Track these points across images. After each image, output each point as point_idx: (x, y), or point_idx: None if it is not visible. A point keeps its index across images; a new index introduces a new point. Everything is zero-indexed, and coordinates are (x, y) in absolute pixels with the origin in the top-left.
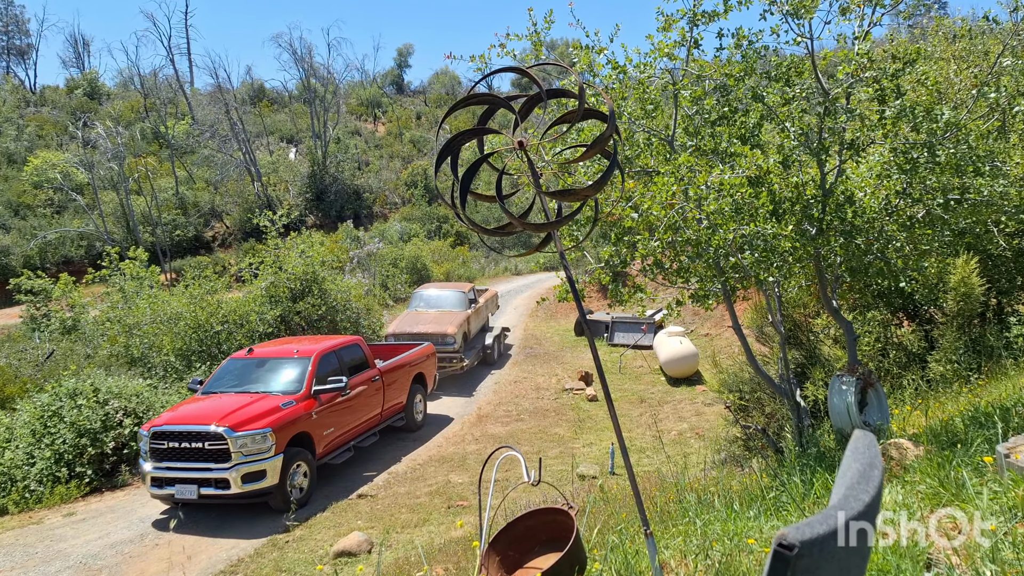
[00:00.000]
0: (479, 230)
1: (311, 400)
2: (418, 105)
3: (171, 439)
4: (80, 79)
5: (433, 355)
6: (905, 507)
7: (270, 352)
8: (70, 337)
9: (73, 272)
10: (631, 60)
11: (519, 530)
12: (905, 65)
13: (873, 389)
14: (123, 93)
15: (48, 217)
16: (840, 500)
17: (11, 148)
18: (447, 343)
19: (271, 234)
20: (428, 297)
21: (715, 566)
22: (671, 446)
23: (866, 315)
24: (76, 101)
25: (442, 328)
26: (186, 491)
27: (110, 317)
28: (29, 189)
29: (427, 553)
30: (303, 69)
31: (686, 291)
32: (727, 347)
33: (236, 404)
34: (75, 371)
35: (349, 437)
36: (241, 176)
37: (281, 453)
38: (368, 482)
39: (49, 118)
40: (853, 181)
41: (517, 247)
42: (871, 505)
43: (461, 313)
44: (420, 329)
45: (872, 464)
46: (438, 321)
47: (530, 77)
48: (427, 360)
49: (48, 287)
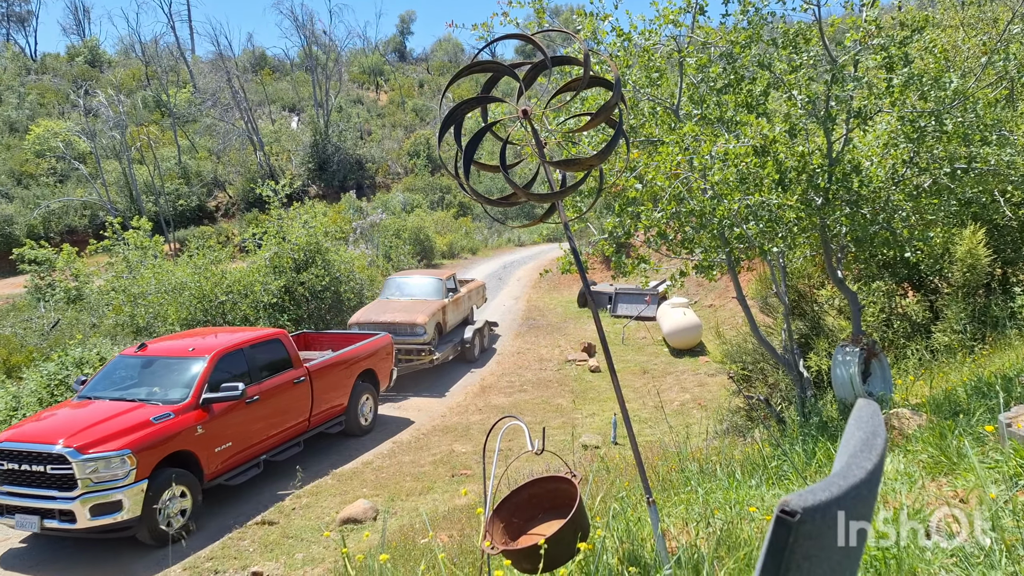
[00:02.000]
0: (482, 200)
1: (199, 411)
2: (420, 73)
3: (10, 459)
4: (81, 47)
5: (388, 349)
6: (907, 476)
7: (163, 349)
8: (75, 307)
9: (77, 241)
10: (636, 27)
11: (523, 498)
12: (913, 32)
13: (877, 359)
14: (124, 61)
15: (51, 186)
16: (843, 468)
17: (12, 116)
18: (416, 333)
19: (274, 204)
20: (402, 284)
21: (716, 533)
22: (673, 416)
23: (871, 285)
24: (77, 69)
25: (411, 317)
26: (27, 522)
27: (115, 287)
28: (31, 158)
29: (431, 520)
30: (304, 36)
31: (690, 262)
32: (730, 318)
33: (95, 417)
34: (81, 340)
35: (257, 451)
36: (243, 145)
37: (146, 479)
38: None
39: (50, 86)
40: (860, 150)
41: (520, 218)
42: (873, 473)
43: (436, 302)
44: (387, 318)
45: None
46: (408, 310)
47: (534, 44)
48: (379, 354)
49: (51, 257)
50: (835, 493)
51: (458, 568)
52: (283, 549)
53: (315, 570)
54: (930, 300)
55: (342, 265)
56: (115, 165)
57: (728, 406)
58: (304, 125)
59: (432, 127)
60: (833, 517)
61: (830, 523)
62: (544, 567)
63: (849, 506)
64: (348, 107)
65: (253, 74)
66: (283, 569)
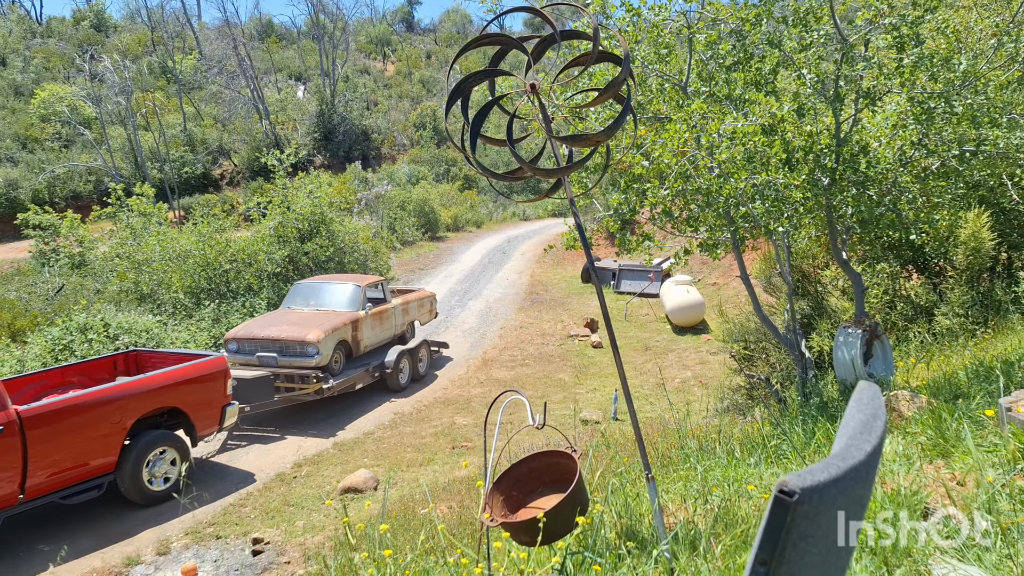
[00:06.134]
0: (488, 174)
1: None
2: (428, 44)
3: None
4: (86, 10)
5: (215, 376)
6: (905, 458)
7: None
8: (79, 272)
9: (81, 207)
10: (645, 2)
11: (523, 471)
12: (925, 12)
13: (879, 341)
14: (130, 26)
15: (56, 151)
16: (842, 449)
17: (18, 80)
18: (307, 354)
19: (279, 174)
20: (310, 291)
21: (714, 511)
22: (674, 394)
23: (875, 267)
24: (83, 33)
25: (301, 332)
26: None
27: (119, 253)
28: (36, 122)
29: (431, 491)
30: (312, 4)
31: (695, 240)
32: (734, 297)
33: None
34: (85, 306)
35: None
36: (249, 114)
37: None
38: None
39: (56, 50)
40: (868, 131)
41: (526, 192)
42: (872, 455)
43: (344, 315)
44: (270, 333)
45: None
46: (302, 323)
47: (543, 17)
48: (193, 386)
49: (56, 222)
50: (834, 474)
51: (457, 539)
52: (284, 516)
53: (315, 537)
54: (934, 283)
55: (346, 236)
56: (120, 131)
57: (729, 384)
58: (310, 94)
59: (439, 99)
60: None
61: (828, 504)
62: (543, 540)
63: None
64: (355, 77)
65: (259, 42)
66: (284, 536)
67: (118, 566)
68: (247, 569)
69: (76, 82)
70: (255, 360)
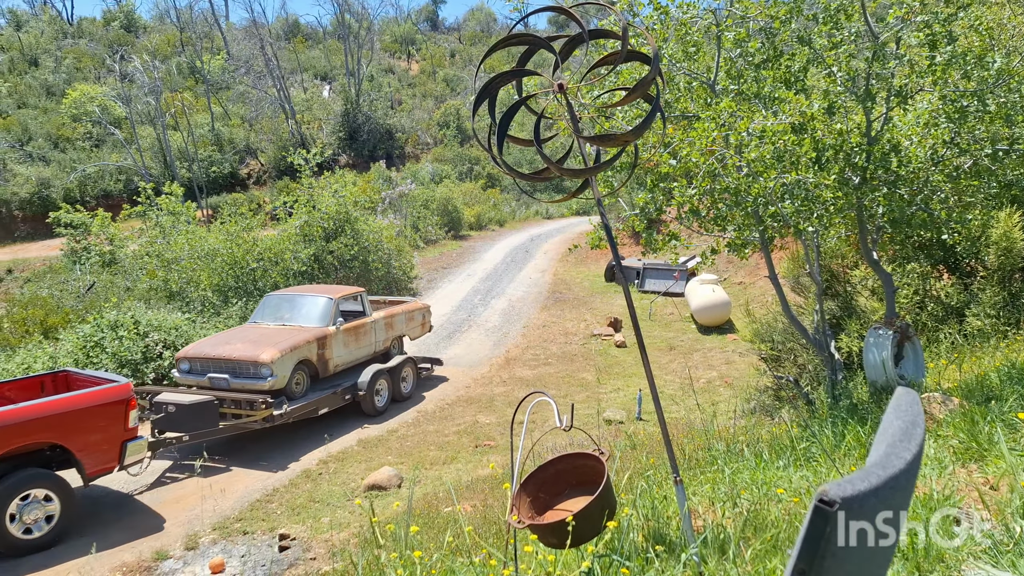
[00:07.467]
0: (515, 175)
1: None
2: (452, 43)
3: None
4: (117, 11)
5: (109, 407)
6: (937, 461)
7: None
8: (110, 270)
9: (112, 206)
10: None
11: (549, 473)
12: (958, 9)
13: (910, 343)
14: (159, 27)
15: (87, 151)
16: (881, 457)
17: (49, 80)
18: (260, 375)
19: (305, 173)
20: (280, 303)
21: (743, 514)
22: (700, 393)
23: (905, 267)
24: (113, 34)
25: (254, 352)
26: None
27: (149, 251)
28: (68, 122)
29: (455, 490)
30: (337, 4)
31: (722, 240)
32: (760, 296)
33: None
34: (115, 303)
35: None
36: (275, 113)
37: None
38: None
39: (86, 50)
40: (899, 129)
41: (549, 191)
42: (912, 464)
43: (308, 332)
44: (222, 352)
45: (914, 422)
46: (259, 341)
47: (571, 17)
48: (76, 416)
49: (87, 221)
50: (874, 483)
51: (482, 539)
52: (310, 512)
53: (340, 534)
54: (965, 283)
55: (370, 235)
56: (150, 131)
57: (756, 385)
58: (335, 94)
59: (462, 97)
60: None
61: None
62: (571, 543)
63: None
64: (379, 76)
65: (286, 42)
66: (310, 532)
67: (148, 560)
68: (274, 565)
69: (107, 82)
70: (206, 381)
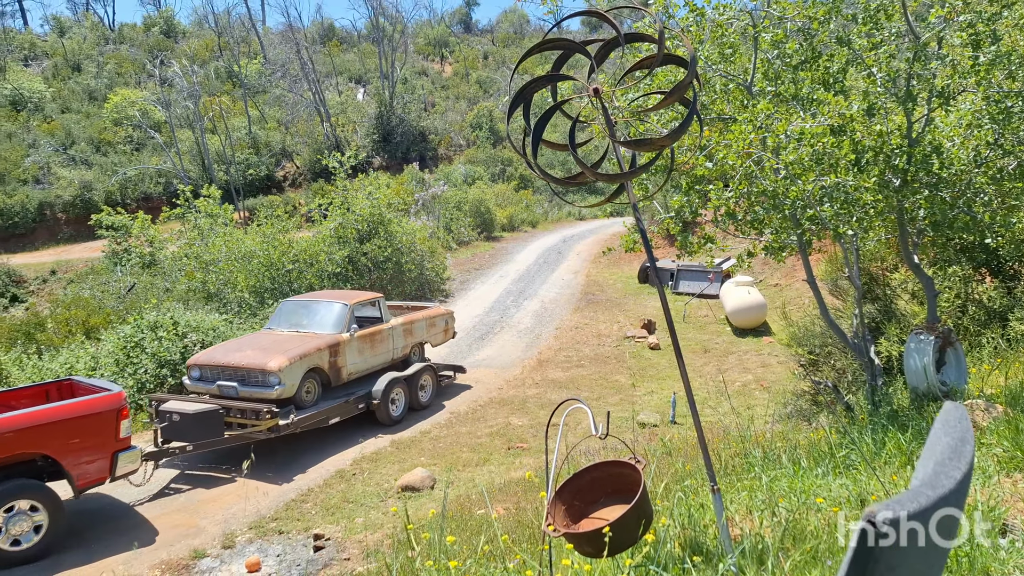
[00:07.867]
0: (550, 179)
1: None
2: (485, 45)
3: None
4: (157, 17)
5: (98, 417)
6: (980, 471)
7: None
8: (149, 271)
9: (152, 208)
10: (709, 1)
11: (584, 481)
12: (1002, 8)
13: (952, 348)
14: (198, 32)
15: (128, 154)
16: (929, 477)
17: (92, 85)
18: (268, 384)
19: (339, 175)
20: (295, 310)
21: (782, 524)
22: (735, 397)
23: (947, 270)
24: (153, 39)
25: (262, 360)
26: None
27: (187, 253)
28: (109, 126)
29: (488, 492)
30: (372, 7)
31: (759, 243)
32: (797, 298)
33: None
34: (155, 304)
35: None
36: (311, 116)
37: None
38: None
39: (127, 56)
40: (941, 131)
41: (581, 192)
42: (962, 483)
43: (320, 339)
44: (232, 360)
45: (963, 439)
46: (270, 348)
47: (607, 21)
48: (63, 427)
49: (128, 223)
50: (923, 504)
51: (515, 544)
52: (343, 513)
53: (374, 535)
54: (1008, 287)
55: (404, 236)
56: (188, 134)
57: (792, 389)
58: (370, 97)
59: (495, 99)
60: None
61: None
62: (607, 552)
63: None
64: (413, 79)
65: (321, 45)
66: (343, 533)
67: (185, 559)
68: (309, 564)
69: (147, 87)
70: (215, 389)
